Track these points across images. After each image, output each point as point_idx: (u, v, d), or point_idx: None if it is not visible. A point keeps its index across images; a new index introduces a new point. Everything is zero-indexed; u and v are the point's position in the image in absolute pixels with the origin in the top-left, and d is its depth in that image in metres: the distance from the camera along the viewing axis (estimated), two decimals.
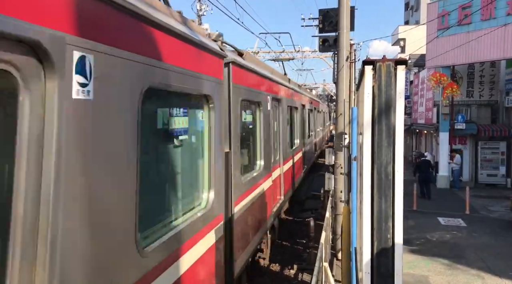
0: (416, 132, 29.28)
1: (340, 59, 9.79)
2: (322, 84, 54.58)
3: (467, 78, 20.92)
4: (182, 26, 4.00)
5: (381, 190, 3.10)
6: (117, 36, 2.80)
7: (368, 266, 3.15)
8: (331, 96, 44.95)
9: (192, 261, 4.16)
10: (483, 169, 20.21)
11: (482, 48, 17.28)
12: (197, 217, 4.34)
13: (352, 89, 10.42)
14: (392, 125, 3.11)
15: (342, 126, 9.64)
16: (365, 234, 3.15)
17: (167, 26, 3.56)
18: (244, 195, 6.63)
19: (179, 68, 3.83)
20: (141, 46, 3.14)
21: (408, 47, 34.20)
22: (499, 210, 15.20)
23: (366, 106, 3.18)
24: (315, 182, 18.65)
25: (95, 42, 2.52)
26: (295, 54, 28.38)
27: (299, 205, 15.09)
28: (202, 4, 21.70)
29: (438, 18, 19.03)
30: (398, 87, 3.10)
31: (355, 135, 6.64)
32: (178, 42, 3.86)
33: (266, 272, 9.35)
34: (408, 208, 14.44)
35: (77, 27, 2.37)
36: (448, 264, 9.54)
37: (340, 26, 9.70)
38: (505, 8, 16.46)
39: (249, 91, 7.05)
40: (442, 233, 12.15)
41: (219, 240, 5.03)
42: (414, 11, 46.24)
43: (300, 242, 11.50)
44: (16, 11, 1.95)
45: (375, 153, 3.12)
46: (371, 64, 3.17)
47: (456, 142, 20.49)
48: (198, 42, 4.34)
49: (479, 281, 8.62)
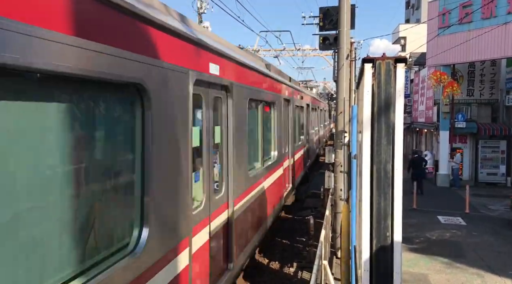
0: (416, 131, 29.27)
1: (341, 58, 9.78)
2: (322, 82, 54.59)
3: (467, 77, 20.90)
4: (265, 68, 8.94)
5: (380, 188, 3.10)
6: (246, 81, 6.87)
7: (367, 264, 3.15)
8: (332, 94, 44.93)
9: (273, 179, 9.23)
10: (483, 168, 20.21)
11: (482, 46, 17.26)
12: (270, 163, 9.08)
13: (353, 88, 10.41)
14: (391, 123, 3.11)
15: (342, 124, 9.64)
16: (364, 232, 3.15)
17: (267, 73, 8.62)
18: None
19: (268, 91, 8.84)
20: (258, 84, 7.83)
21: (409, 46, 34.17)
22: (499, 209, 15.21)
23: (365, 104, 3.18)
24: (315, 180, 18.67)
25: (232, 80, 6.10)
26: (295, 52, 28.39)
27: (299, 203, 15.10)
28: (203, 2, 21.66)
29: (439, 16, 19.00)
30: (398, 85, 3.10)
31: (355, 133, 6.64)
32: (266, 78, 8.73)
33: (265, 270, 9.36)
34: (408, 207, 14.45)
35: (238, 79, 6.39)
36: (448, 263, 9.55)
37: (341, 24, 9.69)
38: (506, 6, 16.44)
39: (272, 95, 9.51)
40: (441, 231, 12.16)
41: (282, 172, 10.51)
42: (415, 10, 46.15)
43: (299, 240, 11.51)
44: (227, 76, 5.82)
45: (374, 151, 3.12)
46: (371, 62, 3.16)
47: (457, 141, 20.49)
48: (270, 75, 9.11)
49: (479, 280, 8.62)
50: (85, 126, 3.01)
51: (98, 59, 2.76)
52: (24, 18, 2.20)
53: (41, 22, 2.31)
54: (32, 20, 2.24)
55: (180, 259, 4.11)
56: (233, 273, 6.05)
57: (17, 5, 2.16)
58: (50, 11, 2.39)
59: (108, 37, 2.90)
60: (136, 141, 3.45)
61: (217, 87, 5.54)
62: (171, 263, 3.91)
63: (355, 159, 5.76)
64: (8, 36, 2.10)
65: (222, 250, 5.72)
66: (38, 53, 2.28)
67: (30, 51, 2.23)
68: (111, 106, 3.32)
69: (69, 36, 2.51)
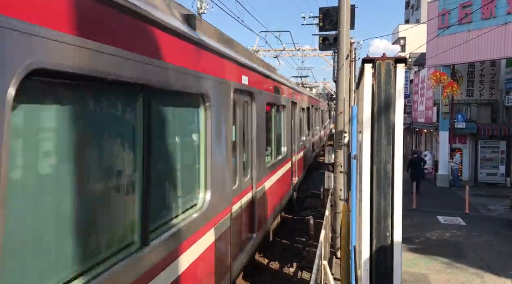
0: (416, 131, 29.27)
1: (340, 58, 9.78)
2: (322, 82, 54.58)
3: (467, 77, 20.91)
4: (281, 77, 10.61)
5: (380, 188, 3.10)
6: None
7: (367, 264, 3.15)
8: (331, 94, 44.92)
9: (286, 169, 11.06)
10: (483, 168, 20.22)
11: (482, 47, 17.26)
12: (283, 156, 10.67)
13: (352, 88, 10.42)
14: (391, 123, 3.11)
15: (342, 124, 9.64)
16: (364, 232, 3.15)
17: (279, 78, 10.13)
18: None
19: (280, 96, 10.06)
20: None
21: (409, 46, 34.17)
22: (499, 209, 15.22)
23: (365, 104, 3.18)
24: (315, 180, 18.66)
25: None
26: (295, 52, 28.39)
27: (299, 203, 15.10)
28: (203, 2, 21.69)
29: (438, 16, 19.01)
30: (398, 85, 3.09)
31: (355, 134, 6.64)
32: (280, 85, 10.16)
33: (265, 270, 9.36)
34: (408, 207, 14.45)
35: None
36: (448, 263, 9.55)
37: (340, 24, 9.69)
38: (505, 7, 16.44)
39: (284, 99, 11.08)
40: (441, 232, 12.16)
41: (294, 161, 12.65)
42: (415, 10, 46.17)
43: (299, 240, 11.51)
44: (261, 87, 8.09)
45: (374, 151, 3.12)
46: (371, 62, 3.16)
47: (456, 141, 20.49)
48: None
49: (478, 280, 8.62)
50: (177, 125, 4.55)
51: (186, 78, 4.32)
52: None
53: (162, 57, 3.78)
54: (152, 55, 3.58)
55: (225, 221, 5.59)
56: (255, 243, 7.48)
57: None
58: (164, 49, 3.79)
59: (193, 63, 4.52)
60: (201, 135, 4.93)
61: (245, 93, 6.98)
62: (221, 222, 5.38)
63: (355, 159, 5.76)
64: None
65: (248, 222, 7.21)
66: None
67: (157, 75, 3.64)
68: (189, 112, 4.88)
69: (175, 64, 3.96)
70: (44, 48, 2.29)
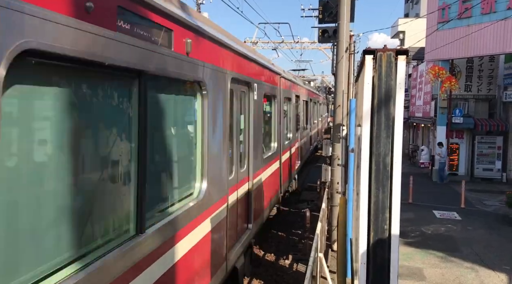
0: (413, 126, 29.29)
1: (340, 50, 9.72)
2: (320, 75, 54.40)
3: (465, 72, 20.87)
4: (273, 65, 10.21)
5: (378, 181, 3.08)
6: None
7: (364, 256, 3.14)
8: (329, 88, 44.81)
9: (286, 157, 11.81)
10: (479, 163, 20.26)
11: (481, 42, 17.21)
12: (287, 142, 12.06)
13: (351, 81, 10.37)
14: (391, 116, 3.08)
15: (340, 117, 9.61)
16: (362, 224, 3.13)
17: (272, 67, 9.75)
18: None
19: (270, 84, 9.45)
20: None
21: (408, 40, 34.02)
22: (494, 205, 15.28)
23: (365, 96, 3.15)
24: (310, 174, 18.68)
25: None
26: (294, 44, 28.26)
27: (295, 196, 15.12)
28: None
29: (438, 11, 18.92)
30: (399, 78, 3.06)
31: (353, 127, 6.62)
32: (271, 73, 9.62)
33: (261, 262, 9.38)
34: (404, 201, 14.48)
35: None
36: (443, 257, 9.59)
37: (340, 17, 9.62)
38: (505, 2, 16.35)
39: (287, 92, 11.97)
40: (437, 226, 12.21)
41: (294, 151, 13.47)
42: (414, 4, 45.96)
43: (295, 233, 11.53)
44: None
45: (373, 144, 3.10)
46: (372, 53, 3.12)
47: (453, 136, 20.51)
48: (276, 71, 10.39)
49: (473, 274, 8.67)
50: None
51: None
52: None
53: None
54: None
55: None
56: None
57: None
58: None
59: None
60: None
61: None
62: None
63: (353, 152, 5.75)
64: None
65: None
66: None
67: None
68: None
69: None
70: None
